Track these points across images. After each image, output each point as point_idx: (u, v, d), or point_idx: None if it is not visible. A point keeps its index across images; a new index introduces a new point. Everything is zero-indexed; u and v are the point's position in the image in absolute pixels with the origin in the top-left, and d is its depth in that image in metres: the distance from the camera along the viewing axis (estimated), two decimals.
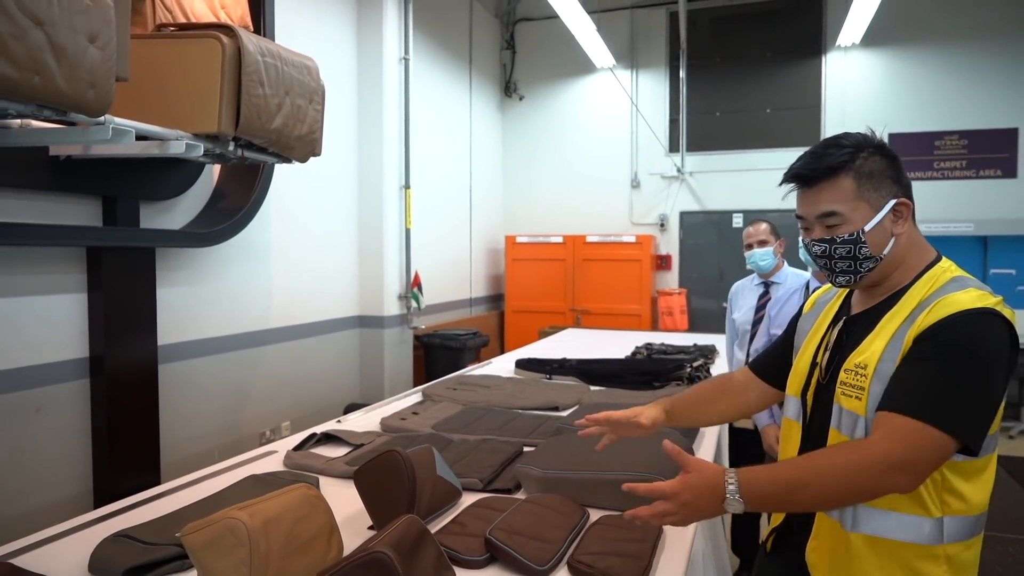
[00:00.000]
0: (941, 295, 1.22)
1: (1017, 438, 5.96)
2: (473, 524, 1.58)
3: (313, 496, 1.43)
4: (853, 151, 1.28)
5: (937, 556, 1.21)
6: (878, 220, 1.27)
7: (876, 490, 1.15)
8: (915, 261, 1.32)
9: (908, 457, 1.11)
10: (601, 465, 1.78)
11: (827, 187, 1.29)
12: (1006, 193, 6.69)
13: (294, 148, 3.02)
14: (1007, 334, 1.17)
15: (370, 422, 2.69)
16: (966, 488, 1.21)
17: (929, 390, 1.14)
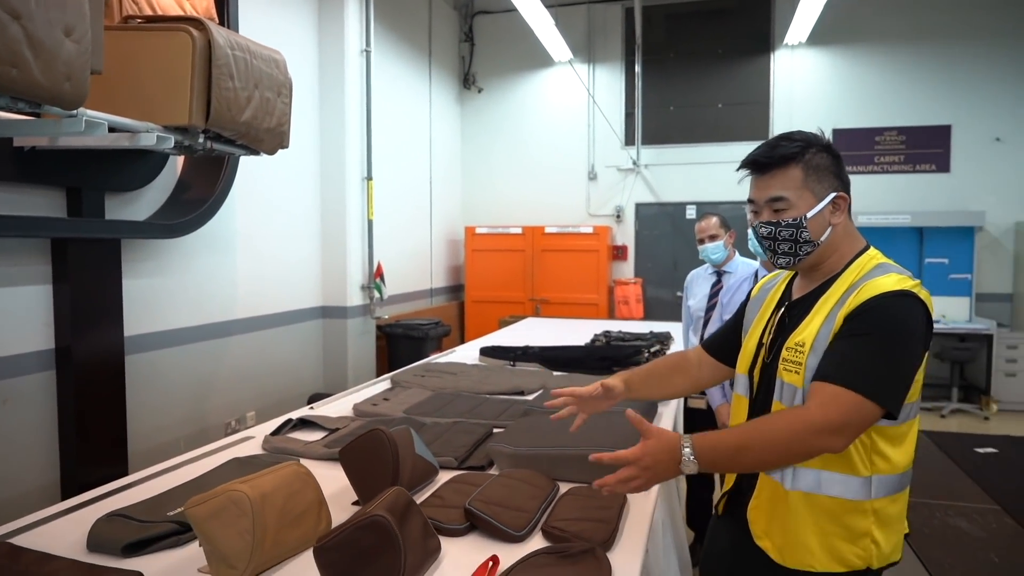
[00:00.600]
0: (867, 279, 1.37)
1: (948, 416, 6.35)
2: (452, 497, 1.70)
3: (303, 473, 1.53)
4: (804, 145, 1.44)
5: (865, 510, 1.37)
6: (819, 209, 1.42)
7: (811, 451, 1.30)
8: (847, 249, 1.48)
9: (839, 421, 1.25)
10: (568, 442, 1.91)
11: (778, 175, 1.45)
12: (940, 187, 7.08)
13: (263, 140, 3.06)
14: (923, 313, 1.34)
15: (342, 408, 2.77)
16: (891, 450, 1.37)
17: (857, 363, 1.29)
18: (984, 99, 6.96)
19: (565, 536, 1.50)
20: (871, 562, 1.39)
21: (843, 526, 1.37)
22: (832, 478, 1.37)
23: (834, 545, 1.38)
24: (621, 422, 2.03)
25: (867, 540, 1.38)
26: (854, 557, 1.38)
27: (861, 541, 1.38)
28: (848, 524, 1.37)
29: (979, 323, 6.66)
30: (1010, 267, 7.00)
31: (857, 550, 1.38)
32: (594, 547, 1.43)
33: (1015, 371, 6.49)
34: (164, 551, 1.46)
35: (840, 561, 1.38)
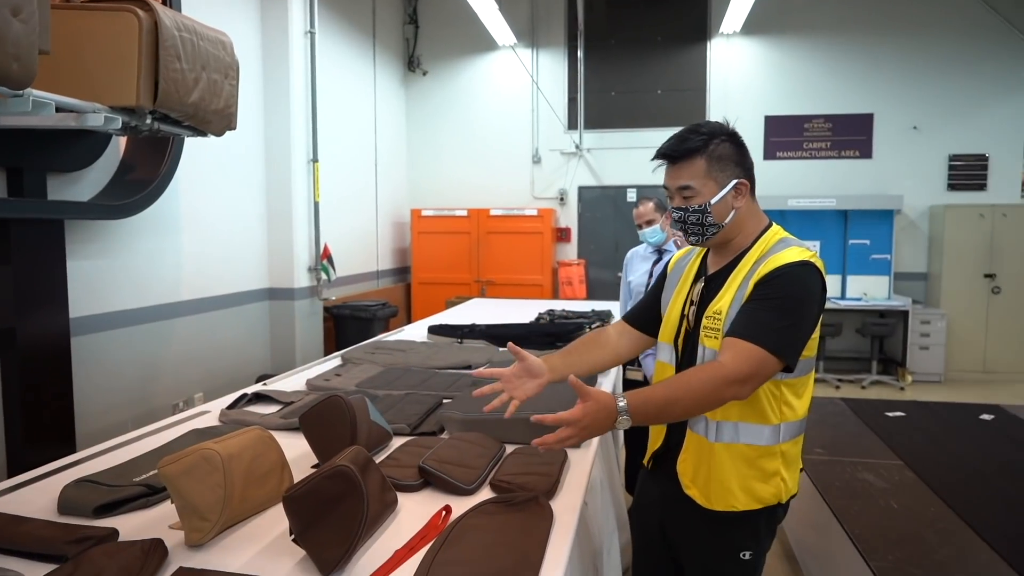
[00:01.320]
0: (772, 253, 1.56)
1: (868, 387, 6.79)
2: (406, 458, 1.83)
3: (266, 437, 1.63)
4: (707, 138, 1.59)
5: (775, 453, 1.58)
6: (722, 196, 1.59)
7: (723, 399, 1.46)
8: (753, 228, 1.65)
9: (747, 372, 1.43)
10: None
11: (685, 165, 1.61)
12: (863, 172, 7.50)
13: (211, 122, 3.09)
14: (819, 280, 1.53)
15: (295, 384, 2.86)
16: (795, 400, 1.59)
17: (763, 322, 1.47)
18: (903, 89, 7.39)
19: (511, 488, 1.65)
20: (781, 497, 1.60)
21: (758, 469, 1.58)
22: (748, 428, 1.56)
23: (751, 486, 1.58)
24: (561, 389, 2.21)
25: (777, 479, 1.59)
26: (768, 495, 1.59)
27: (773, 480, 1.58)
28: (762, 467, 1.58)
29: (897, 300, 7.12)
30: (925, 248, 7.49)
31: (770, 488, 1.59)
32: (537, 495, 1.59)
33: (928, 344, 6.98)
34: (135, 512, 1.55)
35: (757, 499, 1.58)
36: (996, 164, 7.30)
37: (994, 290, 7.01)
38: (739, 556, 1.62)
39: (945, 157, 7.37)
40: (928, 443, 3.24)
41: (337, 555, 1.27)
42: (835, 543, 2.49)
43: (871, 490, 2.69)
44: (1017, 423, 3.56)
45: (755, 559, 1.64)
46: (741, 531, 1.61)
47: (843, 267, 7.34)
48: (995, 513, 2.44)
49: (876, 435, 3.38)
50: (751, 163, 1.66)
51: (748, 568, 1.64)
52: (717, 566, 1.65)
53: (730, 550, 1.63)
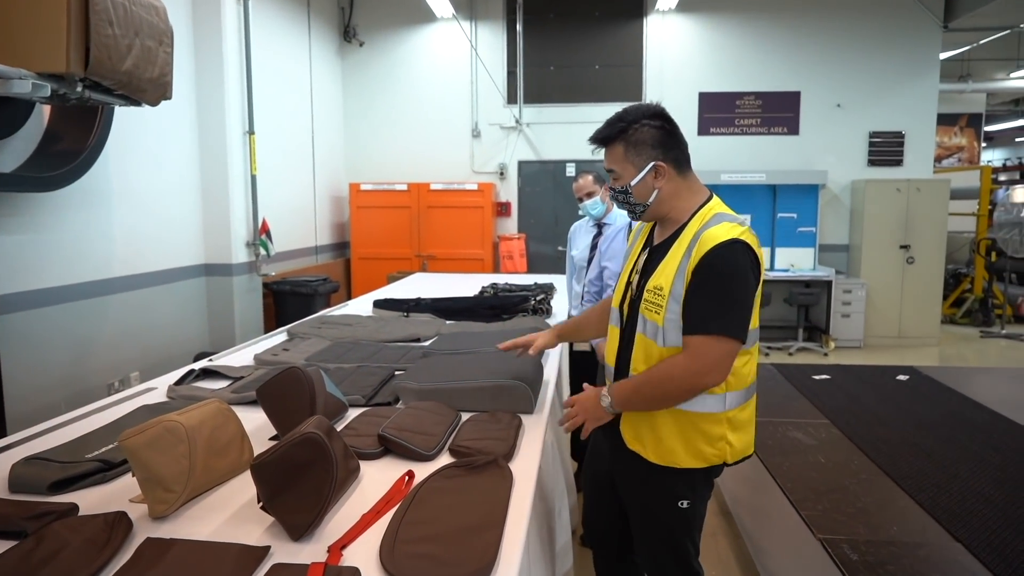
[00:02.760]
0: (705, 229, 1.65)
1: (795, 354, 7.15)
2: (364, 428, 1.86)
3: (225, 408, 1.64)
4: (627, 124, 1.72)
5: (720, 420, 1.71)
6: (640, 178, 1.72)
7: (697, 391, 1.64)
8: (689, 204, 1.75)
9: (711, 363, 1.59)
10: (465, 376, 2.11)
11: (609, 151, 1.77)
12: (791, 148, 7.80)
13: (146, 91, 2.98)
14: (749, 254, 1.63)
15: (242, 359, 2.83)
16: (740, 369, 1.70)
17: (707, 312, 1.60)
18: (828, 68, 7.69)
19: (471, 452, 1.71)
20: (726, 458, 1.74)
21: (704, 433, 1.71)
22: (696, 397, 1.68)
23: (697, 447, 1.71)
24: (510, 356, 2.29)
25: (723, 442, 1.72)
26: (712, 456, 1.72)
27: (718, 443, 1.71)
28: (707, 431, 1.71)
29: (821, 271, 7.49)
30: (847, 221, 7.87)
31: (714, 450, 1.72)
32: (497, 458, 1.65)
33: (849, 312, 7.38)
34: (91, 487, 1.53)
35: (701, 459, 1.72)
36: (911, 141, 7.72)
37: (908, 260, 7.45)
38: (677, 505, 1.77)
39: (865, 134, 7.73)
40: (851, 403, 3.46)
41: (307, 520, 1.30)
42: (769, 497, 2.66)
43: (801, 447, 2.87)
44: (929, 382, 3.84)
45: (693, 507, 1.78)
46: (680, 482, 1.75)
47: (772, 239, 7.66)
48: (911, 463, 2.65)
49: (804, 397, 3.58)
50: (679, 143, 1.76)
51: (687, 515, 1.79)
52: (658, 513, 1.81)
53: (669, 499, 1.77)
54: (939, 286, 7.56)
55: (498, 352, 2.38)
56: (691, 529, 1.83)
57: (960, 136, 11.28)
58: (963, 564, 1.90)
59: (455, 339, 2.81)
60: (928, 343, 7.51)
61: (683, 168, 1.76)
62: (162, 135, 4.69)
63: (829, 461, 2.71)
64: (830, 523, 2.16)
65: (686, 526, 1.81)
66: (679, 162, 1.75)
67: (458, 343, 2.72)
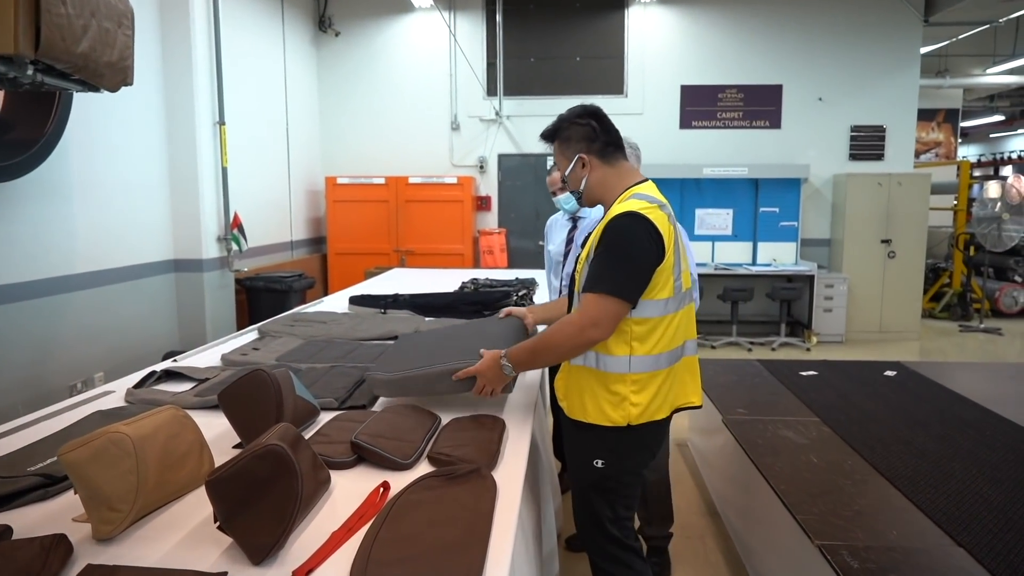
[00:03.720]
0: (613, 207, 1.88)
1: (777, 349, 7.11)
2: (337, 434, 1.73)
3: (181, 416, 1.50)
4: (559, 125, 2.01)
5: (624, 380, 1.85)
6: (570, 169, 2.00)
7: (582, 343, 1.82)
8: (616, 189, 1.97)
9: (594, 317, 1.77)
10: (439, 358, 2.02)
11: (554, 146, 2.05)
12: (773, 142, 7.75)
13: (104, 75, 2.80)
14: (642, 227, 1.77)
15: (209, 360, 2.68)
16: (647, 335, 1.84)
17: (596, 272, 1.79)
18: (810, 62, 7.65)
19: (451, 461, 1.59)
20: (630, 419, 1.85)
21: (608, 391, 1.86)
22: (601, 357, 1.86)
23: (600, 405, 1.87)
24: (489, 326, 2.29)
25: (626, 403, 1.84)
26: (615, 415, 1.85)
27: (622, 404, 1.85)
28: (612, 390, 1.85)
29: (803, 265, 7.45)
30: (828, 215, 7.85)
31: (618, 410, 1.85)
32: (479, 467, 1.53)
33: (831, 307, 7.36)
34: (31, 505, 1.39)
35: (605, 417, 1.86)
36: (892, 135, 7.70)
37: (889, 255, 7.44)
38: (592, 463, 1.91)
39: (847, 128, 7.71)
40: (840, 399, 3.39)
41: (270, 541, 1.18)
42: (760, 499, 2.57)
43: (791, 446, 2.78)
44: (917, 378, 3.78)
45: (610, 470, 1.91)
46: (594, 441, 1.90)
47: (754, 234, 7.61)
48: (905, 462, 2.57)
49: (792, 394, 3.50)
50: (605, 136, 1.98)
51: (603, 476, 1.92)
52: (578, 468, 1.99)
53: (586, 455, 1.94)
54: (920, 281, 7.56)
55: (475, 327, 2.31)
56: (608, 492, 1.94)
57: (938, 132, 11.35)
58: (968, 571, 1.82)
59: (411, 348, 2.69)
60: (909, 337, 7.52)
61: (610, 157, 1.98)
62: (128, 124, 4.49)
63: (822, 461, 2.62)
64: (827, 528, 2.07)
65: (601, 487, 1.94)
66: (604, 153, 1.98)
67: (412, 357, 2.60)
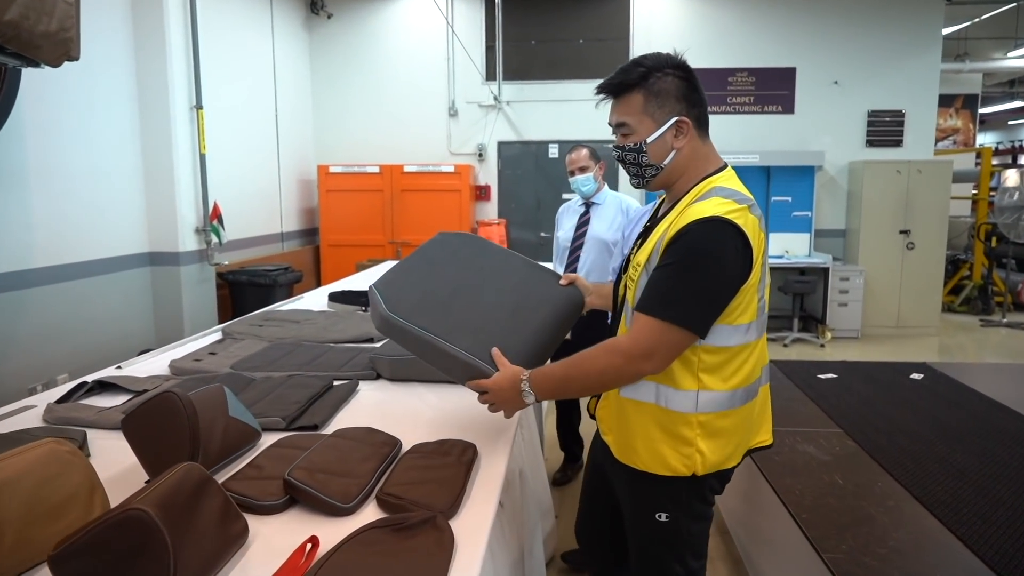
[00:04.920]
0: (692, 204, 1.42)
1: (790, 345, 6.78)
2: (272, 466, 1.44)
3: (65, 452, 1.20)
4: (647, 71, 1.46)
5: (691, 422, 1.46)
6: (659, 134, 1.47)
7: (625, 376, 1.45)
8: (695, 172, 1.51)
9: (646, 348, 1.38)
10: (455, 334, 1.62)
11: (623, 100, 1.50)
12: (785, 127, 7.39)
13: (41, 47, 2.50)
14: (731, 236, 1.36)
15: (158, 366, 2.40)
16: (720, 369, 1.45)
17: (660, 290, 1.39)
18: (824, 43, 7.27)
19: (402, 504, 1.29)
20: (696, 469, 1.48)
21: (668, 434, 1.48)
22: (660, 390, 1.48)
23: (658, 450, 1.49)
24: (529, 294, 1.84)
25: (691, 449, 1.47)
26: (677, 463, 1.48)
27: (685, 449, 1.47)
28: (673, 432, 1.47)
29: (817, 257, 7.11)
30: (844, 205, 7.50)
31: (681, 457, 1.47)
32: (435, 516, 1.23)
33: (846, 301, 7.02)
34: None
35: (663, 465, 1.49)
36: (912, 120, 7.33)
37: (908, 246, 7.09)
38: (655, 517, 1.55)
39: (864, 113, 7.34)
40: (863, 407, 3.08)
41: None
42: (779, 526, 2.26)
43: (813, 464, 2.48)
44: (946, 382, 3.47)
45: (676, 525, 1.54)
46: (655, 490, 1.54)
47: (766, 225, 7.25)
48: (944, 485, 2.26)
49: (810, 399, 3.20)
50: (701, 99, 1.51)
51: (667, 531, 1.55)
52: (636, 521, 1.62)
53: (645, 508, 1.57)
54: (940, 273, 7.20)
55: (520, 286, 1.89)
56: (675, 549, 1.57)
57: (956, 118, 10.94)
58: None
59: None
60: (927, 333, 7.17)
61: (703, 130, 1.53)
62: (93, 108, 4.19)
63: (848, 483, 2.32)
64: (861, 570, 1.76)
65: (667, 544, 1.57)
66: (700, 122, 1.51)
67: None
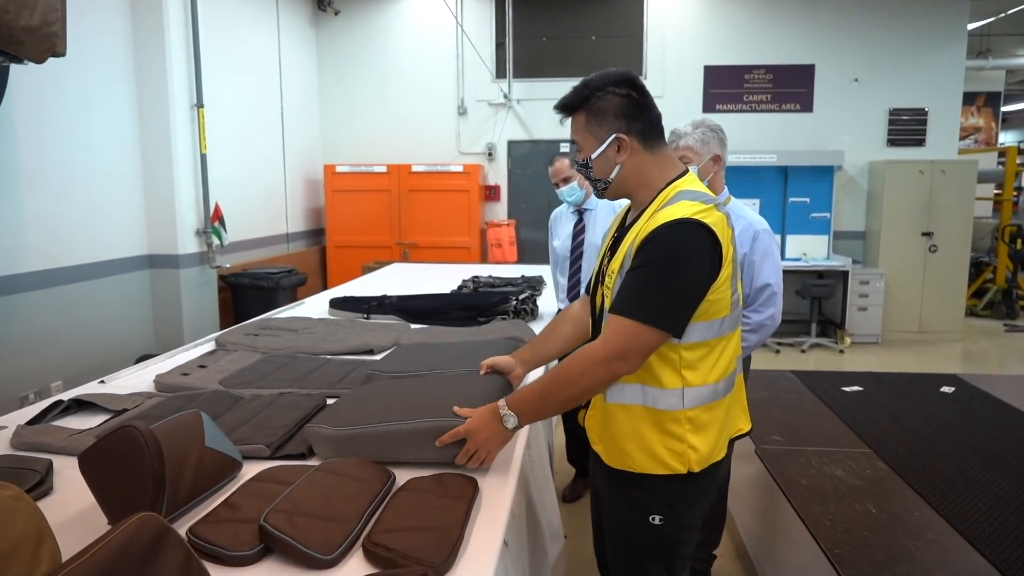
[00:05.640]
0: (660, 210, 1.46)
1: (808, 351, 6.59)
2: (249, 505, 1.29)
3: (7, 498, 1.06)
4: (590, 92, 1.54)
5: (679, 419, 1.49)
6: (601, 151, 1.55)
7: (603, 379, 1.46)
8: (656, 181, 1.56)
9: (622, 348, 1.41)
10: (405, 414, 1.54)
11: (573, 120, 1.59)
12: (804, 126, 7.18)
13: (23, 42, 2.37)
14: (698, 238, 1.40)
15: (144, 380, 2.26)
16: (700, 364, 1.49)
17: (633, 292, 1.43)
18: (845, 40, 7.06)
19: (391, 556, 1.14)
20: (691, 465, 1.50)
21: (661, 432, 1.50)
22: (649, 391, 1.49)
23: (652, 449, 1.50)
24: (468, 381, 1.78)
25: (684, 445, 1.49)
26: (672, 460, 1.50)
27: (678, 446, 1.49)
28: (665, 430, 1.50)
29: (836, 260, 6.90)
30: (864, 206, 7.28)
31: (674, 454, 1.50)
32: (426, 571, 1.08)
33: (866, 305, 6.81)
34: None
35: (659, 463, 1.50)
36: (935, 118, 7.11)
37: (931, 249, 6.87)
38: (648, 520, 1.56)
39: (885, 111, 7.12)
40: (893, 424, 2.90)
41: None
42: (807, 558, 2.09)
43: (842, 489, 2.31)
44: (980, 396, 3.28)
45: (669, 527, 1.56)
46: (648, 494, 1.55)
47: (783, 226, 7.06)
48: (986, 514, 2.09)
49: (836, 415, 3.03)
50: (647, 113, 1.56)
51: (661, 535, 1.57)
52: (627, 527, 1.62)
53: (638, 513, 1.57)
54: (964, 277, 6.97)
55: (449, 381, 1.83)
56: (665, 553, 1.59)
57: (977, 116, 10.67)
58: None
59: (410, 356, 2.23)
60: (950, 339, 6.94)
61: (651, 141, 1.57)
62: (89, 106, 4.07)
63: (882, 512, 2.14)
64: None
65: (658, 549, 1.59)
66: (645, 135, 1.56)
67: (412, 362, 2.14)
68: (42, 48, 2.48)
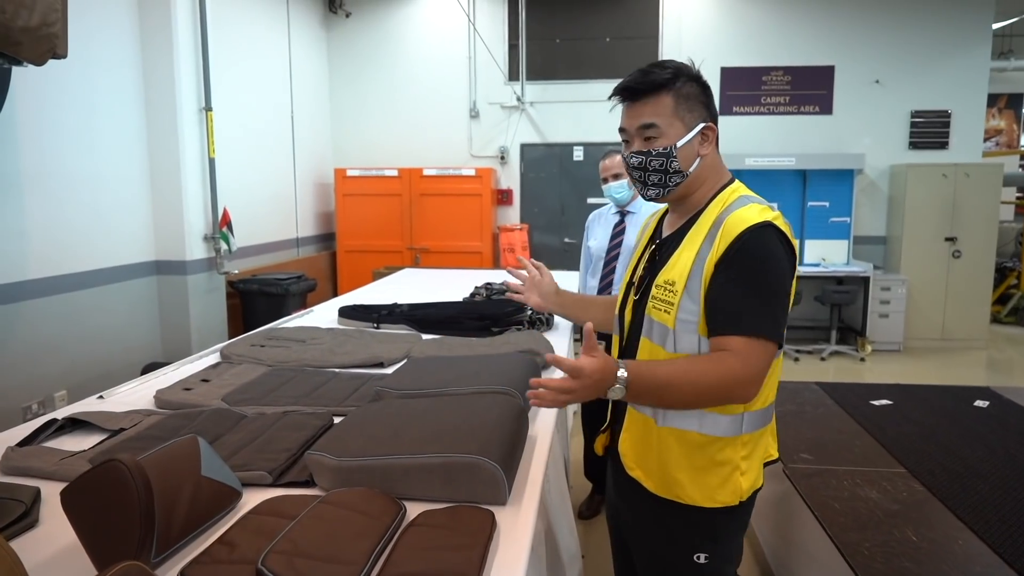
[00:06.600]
0: (729, 212, 1.36)
1: (828, 359, 6.43)
2: (247, 543, 1.18)
3: None
4: (675, 73, 1.42)
5: (734, 444, 1.40)
6: (688, 138, 1.42)
7: (729, 401, 1.33)
8: (713, 182, 1.47)
9: (752, 371, 1.29)
10: (413, 445, 1.42)
11: (650, 102, 1.42)
12: (823, 129, 7.03)
13: (21, 44, 2.29)
14: (784, 242, 1.34)
15: (144, 396, 2.16)
16: (765, 383, 1.36)
17: (749, 307, 1.30)
18: (865, 40, 6.91)
19: None
20: (741, 495, 1.42)
21: (713, 460, 1.40)
22: (704, 416, 1.39)
23: (705, 480, 1.41)
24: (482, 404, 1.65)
25: (736, 474, 1.41)
26: (725, 493, 1.41)
27: (731, 475, 1.41)
28: (718, 459, 1.40)
29: (856, 266, 6.75)
30: (885, 210, 7.12)
31: (729, 486, 1.41)
32: None
33: (887, 312, 6.65)
34: None
35: (711, 497, 1.41)
36: (958, 121, 6.94)
37: (954, 254, 6.70)
38: (692, 558, 1.46)
39: (907, 113, 6.96)
40: (926, 441, 2.77)
41: None
42: None
43: (879, 514, 2.18)
44: (1016, 411, 3.14)
45: (713, 564, 1.46)
46: (693, 528, 1.45)
47: (801, 231, 6.91)
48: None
49: (866, 432, 2.89)
50: (716, 111, 1.49)
51: (704, 574, 1.46)
52: (668, 564, 1.50)
53: (682, 548, 1.47)
54: (988, 283, 6.79)
55: (471, 398, 1.71)
56: None
57: (999, 118, 10.45)
58: None
59: (421, 372, 2.12)
60: (975, 346, 6.76)
61: (718, 140, 1.49)
62: (95, 109, 3.99)
63: (923, 539, 2.01)
64: None
65: None
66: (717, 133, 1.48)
67: (423, 379, 2.02)
68: (41, 49, 2.40)
